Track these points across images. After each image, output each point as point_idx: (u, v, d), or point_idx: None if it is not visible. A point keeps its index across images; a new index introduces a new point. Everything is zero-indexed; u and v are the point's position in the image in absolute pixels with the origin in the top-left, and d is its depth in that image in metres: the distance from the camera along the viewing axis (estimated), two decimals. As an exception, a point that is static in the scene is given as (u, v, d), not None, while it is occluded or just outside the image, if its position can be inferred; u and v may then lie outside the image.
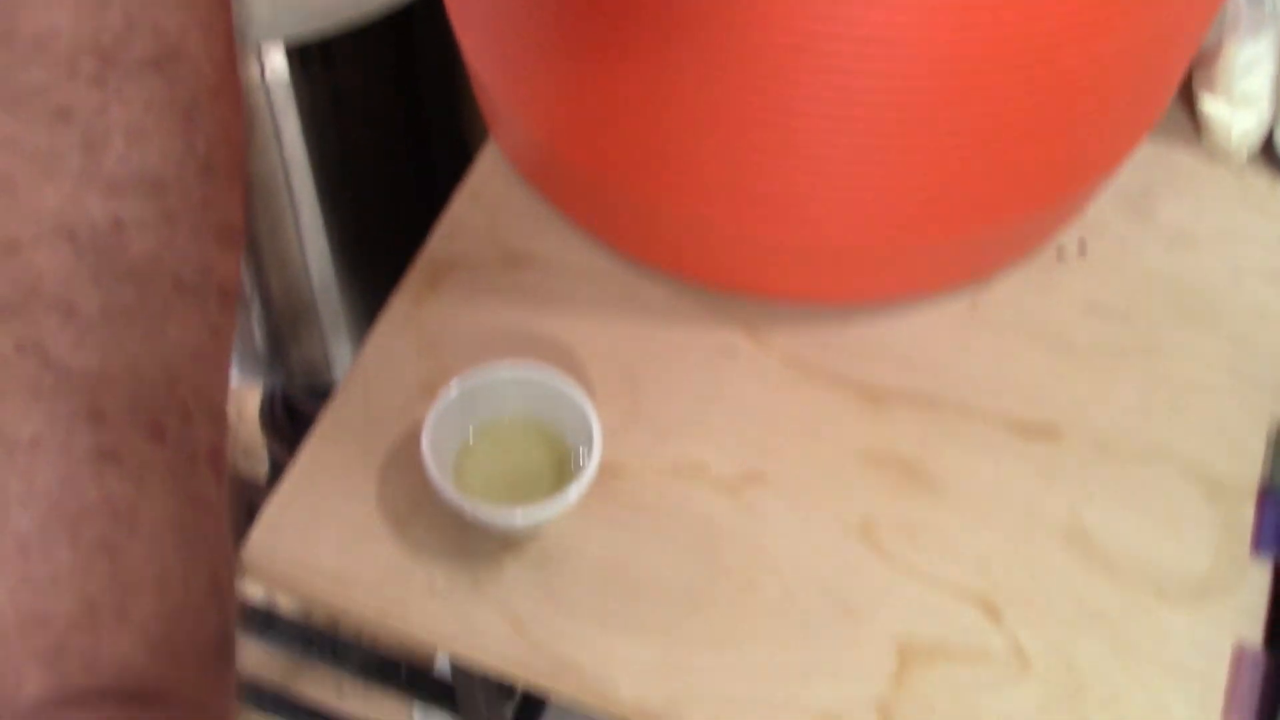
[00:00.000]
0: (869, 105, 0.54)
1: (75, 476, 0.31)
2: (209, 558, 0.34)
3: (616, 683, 0.57)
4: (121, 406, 0.32)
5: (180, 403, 0.34)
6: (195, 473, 0.34)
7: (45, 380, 0.30)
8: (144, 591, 0.32)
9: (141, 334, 0.32)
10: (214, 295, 0.35)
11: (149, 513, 0.32)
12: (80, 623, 0.30)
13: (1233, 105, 0.74)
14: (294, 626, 1.06)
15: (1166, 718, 0.57)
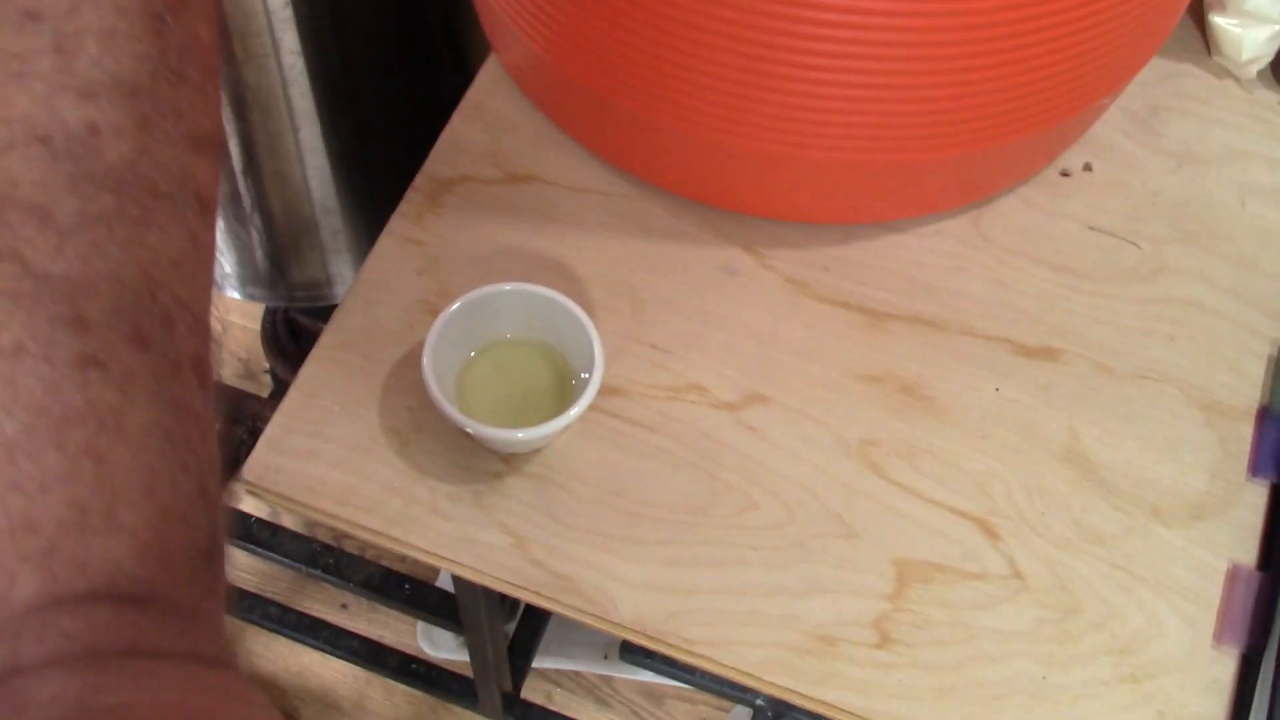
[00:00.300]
0: (870, 24, 0.53)
1: (59, 382, 0.30)
2: (195, 465, 0.34)
3: (616, 599, 0.57)
4: (104, 313, 0.31)
5: (163, 310, 0.34)
6: (179, 380, 0.34)
7: (24, 286, 0.30)
8: (132, 496, 0.32)
9: (121, 241, 0.32)
10: (192, 203, 0.35)
11: (135, 419, 0.32)
12: (69, 527, 0.30)
13: (1243, 21, 0.73)
14: (297, 543, 1.06)
15: (1160, 636, 0.57)
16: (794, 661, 0.56)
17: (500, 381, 0.61)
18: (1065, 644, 0.57)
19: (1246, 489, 0.61)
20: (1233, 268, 0.68)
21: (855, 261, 0.68)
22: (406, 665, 1.20)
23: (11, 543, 0.30)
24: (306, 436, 0.61)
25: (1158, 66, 0.76)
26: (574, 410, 0.57)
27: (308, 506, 0.60)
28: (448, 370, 0.59)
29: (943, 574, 0.59)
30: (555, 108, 0.70)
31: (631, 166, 0.69)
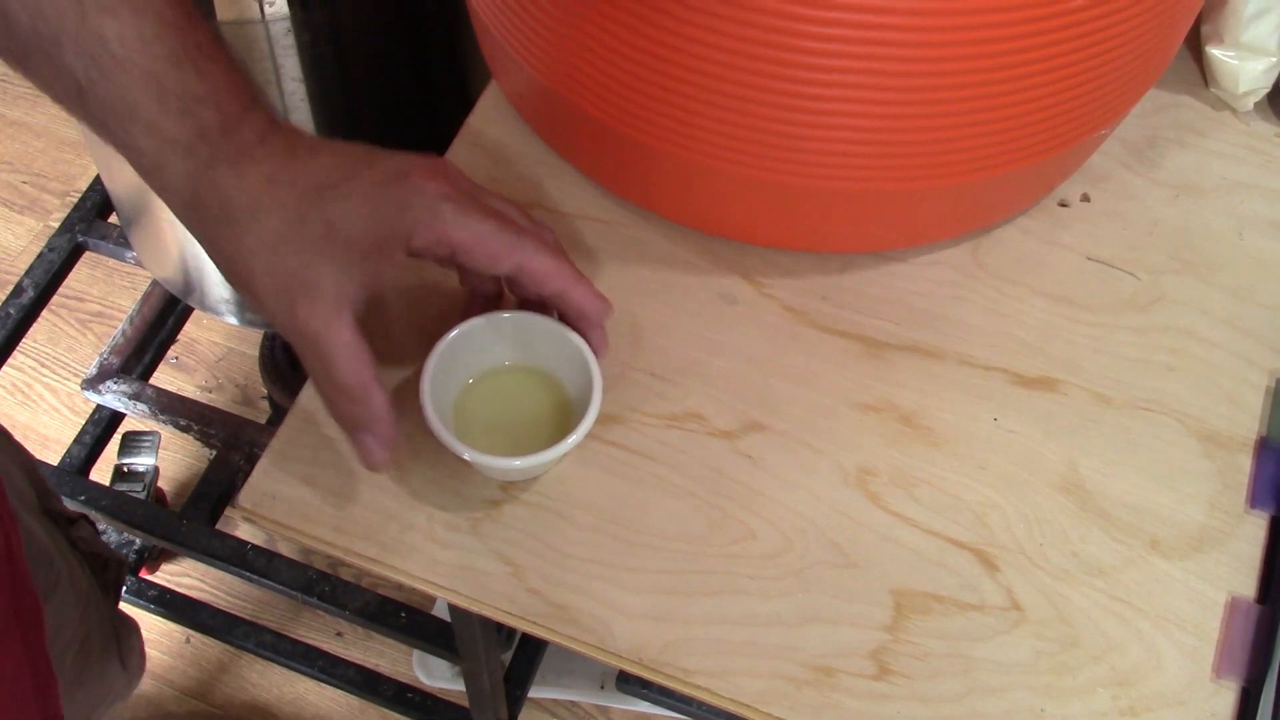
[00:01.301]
0: (871, 54, 0.53)
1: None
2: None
3: (613, 629, 0.57)
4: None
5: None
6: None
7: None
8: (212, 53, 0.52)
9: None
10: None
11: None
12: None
13: (1240, 54, 0.74)
14: (293, 570, 1.06)
15: (1159, 669, 0.57)
16: (791, 692, 0.56)
17: (499, 409, 0.61)
18: (1064, 676, 0.57)
19: (1245, 521, 0.61)
20: (1230, 299, 0.68)
21: (854, 290, 0.68)
22: (402, 694, 1.19)
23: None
24: (303, 463, 0.61)
25: (1155, 98, 0.76)
26: (572, 438, 0.56)
27: (304, 533, 0.59)
28: (446, 397, 0.59)
29: (941, 605, 0.58)
30: (555, 135, 0.70)
31: (631, 195, 0.69)
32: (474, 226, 0.53)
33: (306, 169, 0.52)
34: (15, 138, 1.74)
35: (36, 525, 0.76)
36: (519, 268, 0.54)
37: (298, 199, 0.51)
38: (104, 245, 1.20)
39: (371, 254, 0.52)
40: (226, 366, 1.55)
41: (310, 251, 0.51)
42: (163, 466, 1.41)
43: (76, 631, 0.79)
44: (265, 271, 0.51)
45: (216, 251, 0.53)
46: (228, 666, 1.35)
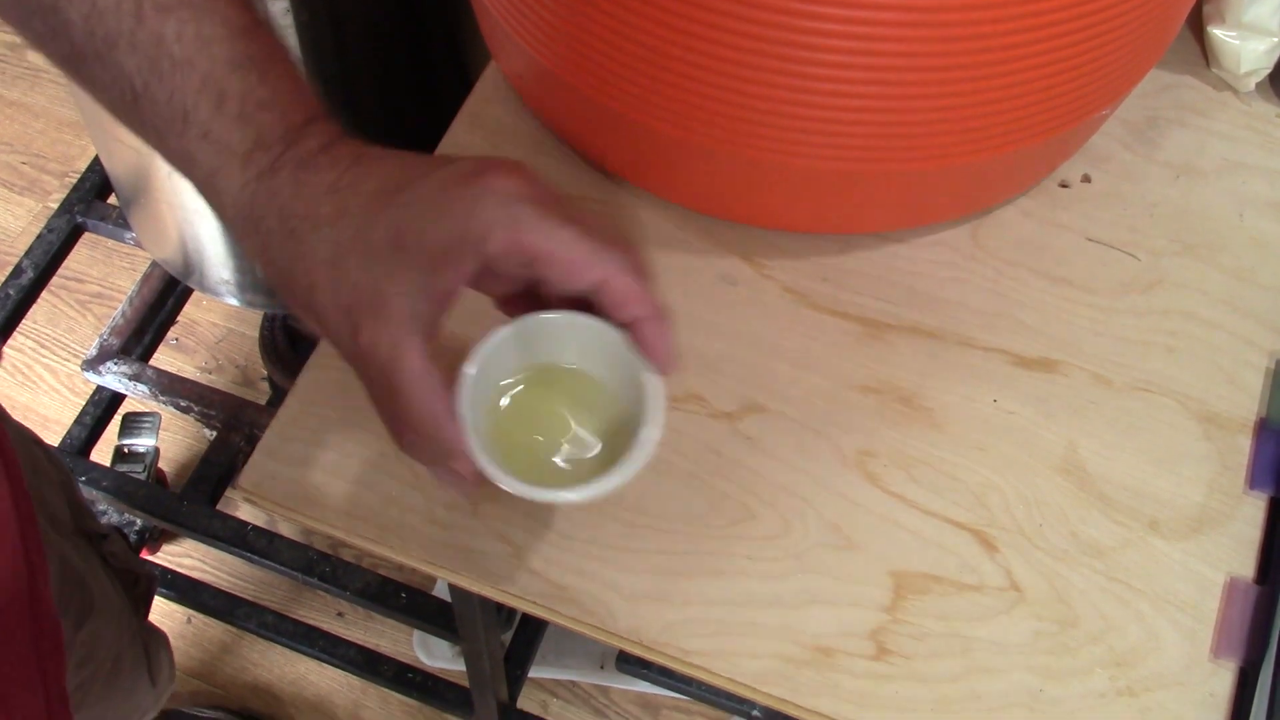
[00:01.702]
0: (870, 34, 0.53)
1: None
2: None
3: (613, 609, 0.57)
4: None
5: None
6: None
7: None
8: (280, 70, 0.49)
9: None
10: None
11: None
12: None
13: (1241, 34, 0.74)
14: (294, 551, 1.06)
15: (1157, 650, 0.57)
16: (790, 672, 0.56)
17: (538, 424, 0.53)
18: (1062, 656, 0.57)
19: (1244, 502, 0.61)
20: (1231, 280, 0.68)
21: (854, 272, 0.68)
22: (403, 674, 1.20)
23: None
24: (304, 444, 0.61)
25: (1156, 78, 0.76)
26: (628, 468, 0.49)
27: (304, 514, 0.59)
28: (479, 418, 0.50)
29: (940, 586, 0.58)
30: (555, 116, 0.70)
31: (631, 176, 0.69)
32: (556, 232, 0.46)
33: (371, 174, 0.47)
34: (14, 118, 1.74)
35: (71, 549, 0.75)
36: (601, 284, 0.47)
37: (362, 206, 0.46)
38: (103, 226, 1.20)
39: (443, 264, 0.46)
40: (226, 348, 1.55)
41: (376, 265, 0.46)
42: (163, 447, 1.41)
43: (110, 651, 0.79)
44: (327, 289, 0.46)
45: (273, 269, 0.48)
46: (229, 647, 1.35)
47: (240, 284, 1.02)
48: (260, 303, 1.04)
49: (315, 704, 1.32)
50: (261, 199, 0.47)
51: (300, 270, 0.47)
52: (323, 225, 0.46)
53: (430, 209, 0.46)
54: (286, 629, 1.21)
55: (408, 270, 0.45)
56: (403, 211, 0.46)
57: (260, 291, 1.02)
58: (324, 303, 0.46)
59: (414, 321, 0.46)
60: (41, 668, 0.60)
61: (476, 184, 0.46)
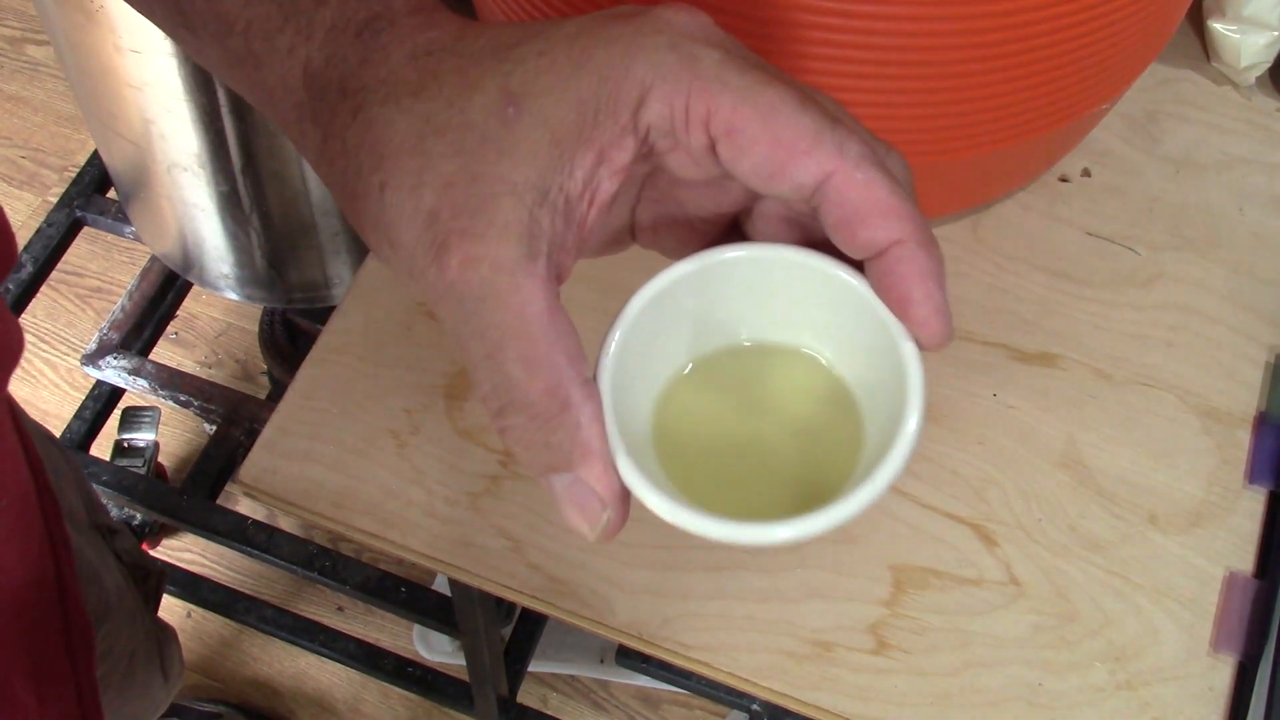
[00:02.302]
0: (869, 29, 0.53)
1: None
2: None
3: (613, 604, 0.57)
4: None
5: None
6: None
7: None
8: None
9: None
10: None
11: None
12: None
13: (1242, 28, 0.73)
14: (294, 545, 1.06)
15: (1157, 643, 0.57)
16: (790, 667, 0.56)
17: (725, 424, 0.36)
18: (1061, 650, 0.57)
19: (1243, 496, 0.61)
20: (1231, 274, 0.68)
21: (853, 266, 0.68)
22: (402, 668, 1.20)
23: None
24: (304, 439, 0.61)
25: (1156, 72, 0.76)
26: (876, 486, 0.31)
27: (304, 509, 0.59)
28: (639, 407, 0.35)
29: (939, 580, 0.58)
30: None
31: (630, 170, 0.69)
32: (761, 92, 0.30)
33: (480, 35, 0.32)
34: (14, 112, 1.74)
35: (86, 544, 0.75)
36: (828, 182, 0.31)
37: (459, 67, 0.31)
38: (103, 220, 1.20)
39: (579, 145, 0.30)
40: (226, 342, 1.55)
41: (476, 147, 0.30)
42: (163, 442, 1.41)
43: (125, 649, 0.79)
44: (403, 187, 0.31)
45: (330, 168, 0.33)
46: (229, 641, 1.35)
47: (240, 278, 1.02)
48: (260, 297, 1.04)
49: (315, 698, 1.32)
50: (318, 68, 0.33)
51: (368, 165, 0.31)
52: (403, 96, 0.32)
53: (562, 62, 0.31)
54: (286, 623, 1.21)
55: (525, 155, 0.30)
56: (520, 68, 0.31)
57: (260, 286, 1.02)
58: (398, 208, 0.31)
59: (533, 237, 0.30)
60: (73, 660, 0.60)
61: (636, 22, 0.31)
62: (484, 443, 0.61)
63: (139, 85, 0.83)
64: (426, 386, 0.62)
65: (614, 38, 0.30)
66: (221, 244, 0.98)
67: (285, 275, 1.00)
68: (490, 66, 0.31)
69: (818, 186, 0.31)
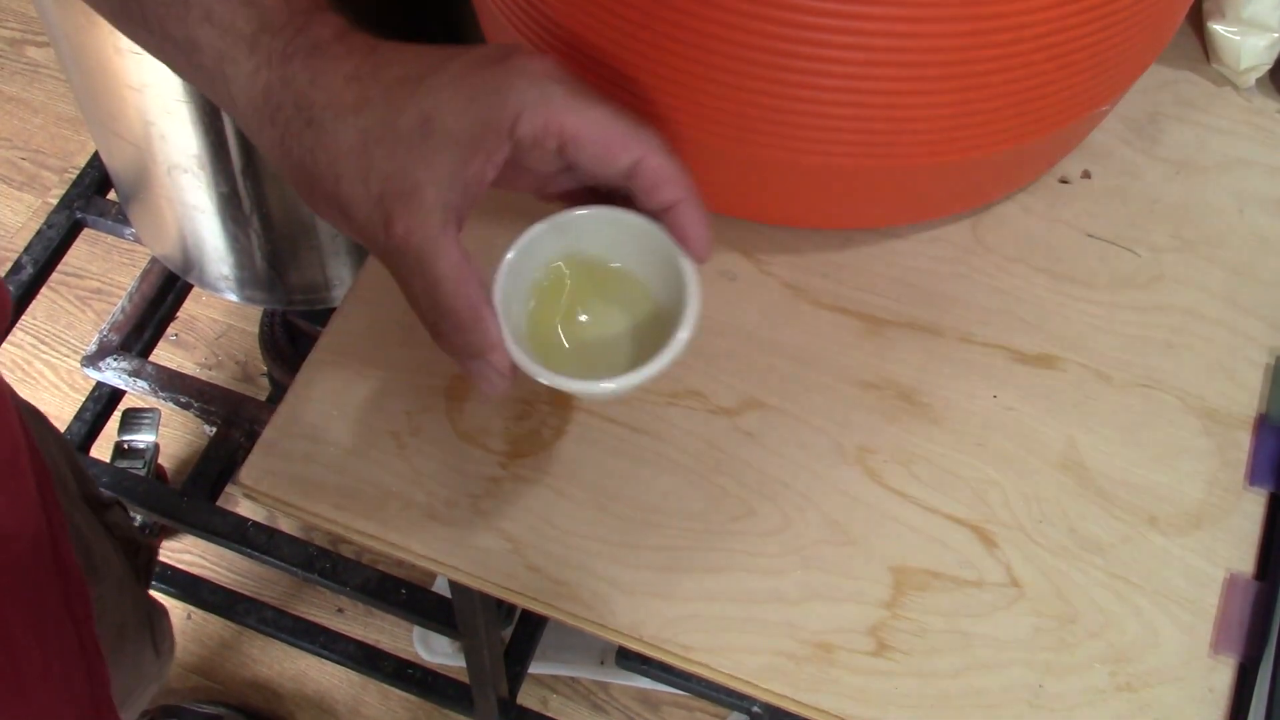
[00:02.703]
0: (870, 29, 0.53)
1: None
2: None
3: (613, 605, 0.57)
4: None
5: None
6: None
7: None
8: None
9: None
10: None
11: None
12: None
13: (1242, 29, 0.73)
14: (294, 547, 1.06)
15: (1157, 645, 0.57)
16: (790, 669, 0.56)
17: (577, 319, 0.54)
18: (1062, 652, 0.57)
19: (1244, 498, 0.61)
20: (1231, 276, 0.68)
21: (853, 267, 0.68)
22: (402, 670, 1.20)
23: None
24: (303, 440, 0.61)
25: (1156, 74, 0.76)
26: (666, 356, 0.50)
27: (304, 510, 0.59)
28: (518, 310, 0.51)
29: (940, 581, 0.58)
30: (554, 112, 0.70)
31: (630, 172, 0.69)
32: (589, 111, 0.46)
33: (392, 63, 0.46)
34: (14, 114, 1.74)
35: (75, 511, 0.76)
36: (637, 165, 0.47)
37: (385, 93, 0.45)
38: (103, 222, 1.20)
39: (475, 150, 0.45)
40: (226, 343, 1.55)
41: (405, 153, 0.45)
42: (163, 443, 1.41)
43: (114, 617, 0.80)
44: (355, 180, 0.45)
45: (292, 162, 0.47)
46: (229, 643, 1.35)
47: (240, 280, 1.02)
48: (260, 298, 1.04)
49: (315, 700, 1.32)
50: (275, 87, 0.46)
51: (324, 162, 0.45)
52: (346, 114, 0.45)
53: (459, 94, 0.45)
54: (286, 625, 1.21)
55: (439, 157, 0.45)
56: (430, 98, 0.45)
57: (260, 287, 1.02)
58: (351, 194, 0.45)
59: (447, 210, 0.45)
60: (73, 616, 0.60)
61: (505, 66, 0.46)
62: (484, 444, 0.61)
63: (139, 87, 0.82)
64: (427, 388, 0.62)
65: (493, 77, 0.45)
66: (221, 245, 0.98)
67: (285, 277, 1.00)
68: (409, 94, 0.45)
69: (631, 168, 0.47)
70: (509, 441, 0.61)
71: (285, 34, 0.46)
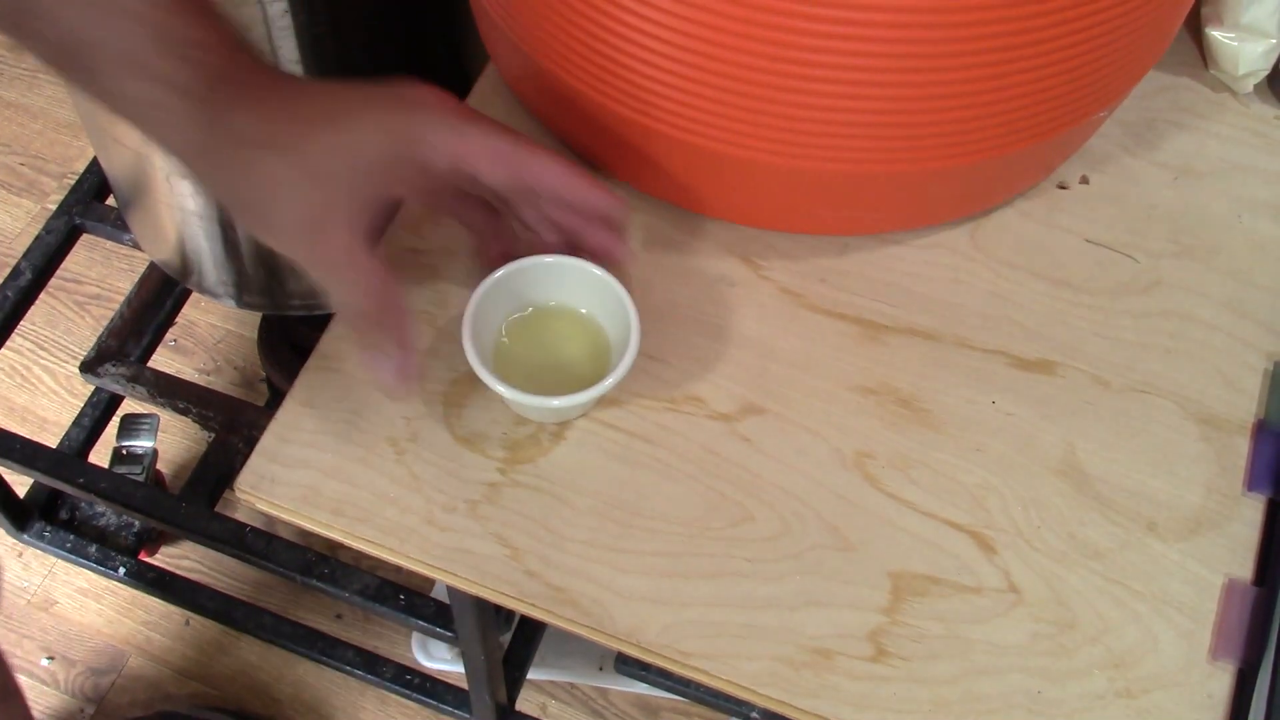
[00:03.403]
0: (868, 36, 0.53)
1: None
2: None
3: (611, 611, 0.57)
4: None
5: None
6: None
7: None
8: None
9: None
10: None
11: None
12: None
13: (1240, 36, 0.74)
14: (292, 553, 1.06)
15: (1156, 651, 0.57)
16: (789, 674, 0.56)
17: (539, 350, 0.62)
18: (1061, 658, 0.57)
19: (1242, 503, 0.61)
20: (1229, 281, 0.68)
21: (852, 273, 0.68)
22: (401, 676, 1.20)
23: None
24: (302, 446, 0.61)
25: (1154, 79, 0.76)
26: (610, 380, 0.58)
27: (302, 516, 0.59)
28: (487, 340, 0.61)
29: (938, 587, 0.58)
30: (553, 117, 0.70)
31: (629, 177, 0.69)
32: (485, 138, 0.54)
33: (313, 103, 0.53)
34: (12, 119, 1.74)
35: None
36: (533, 179, 0.56)
37: (306, 130, 0.52)
38: (101, 227, 1.20)
39: (387, 178, 0.53)
40: (225, 349, 1.55)
41: (328, 182, 0.52)
42: (161, 449, 1.41)
43: None
44: (286, 207, 0.52)
45: (229, 192, 0.54)
46: (227, 649, 1.35)
47: (238, 285, 1.01)
48: (258, 304, 1.04)
49: (313, 705, 1.32)
50: (213, 127, 0.51)
51: (257, 194, 0.52)
52: (275, 149, 0.51)
53: (374, 129, 0.52)
54: (285, 631, 1.21)
55: (356, 185, 0.52)
56: (348, 134, 0.52)
57: (258, 293, 1.02)
58: (283, 220, 0.52)
59: (363, 230, 0.53)
60: None
61: (414, 104, 0.54)
62: (483, 450, 0.61)
63: (138, 92, 0.83)
64: (425, 394, 0.62)
65: (402, 116, 0.53)
66: (220, 251, 0.97)
67: (284, 282, 1.00)
68: (324, 130, 0.52)
69: (529, 181, 0.56)
70: (507, 447, 0.61)
71: (215, 82, 0.51)
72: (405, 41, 0.88)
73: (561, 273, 0.62)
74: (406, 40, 0.88)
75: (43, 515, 1.24)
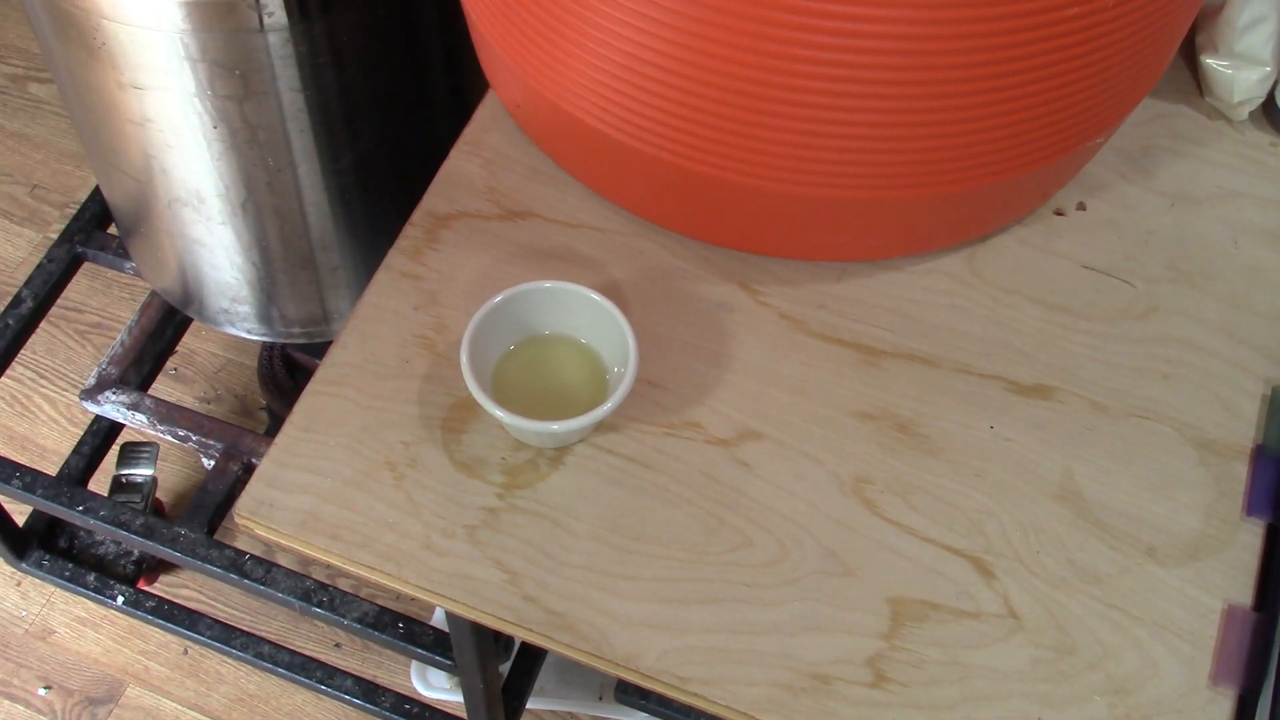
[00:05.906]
0: (866, 64, 0.54)
1: None
2: None
3: (610, 636, 0.57)
4: None
5: None
6: None
7: None
8: None
9: None
10: None
11: None
12: None
13: (1234, 63, 0.74)
14: (291, 580, 1.06)
15: (1156, 677, 0.57)
16: (788, 700, 0.56)
17: (536, 376, 0.63)
18: (1060, 684, 0.57)
19: (1241, 528, 0.61)
20: (1226, 307, 0.69)
21: (851, 299, 0.68)
22: (400, 705, 1.19)
23: None
24: (301, 472, 0.61)
25: (1150, 107, 0.76)
26: (608, 405, 0.58)
27: (301, 542, 0.59)
28: (485, 364, 0.61)
29: (937, 612, 0.58)
30: (552, 144, 0.70)
31: (628, 203, 0.69)
32: None
33: None
34: (15, 149, 1.75)
35: None
36: None
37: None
38: (103, 256, 1.20)
39: None
40: (225, 377, 1.55)
41: None
42: (161, 477, 1.41)
43: None
44: None
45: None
46: (225, 677, 1.34)
47: (239, 313, 1.02)
48: (259, 332, 1.04)
49: (312, 735, 1.31)
50: None
51: None
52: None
53: None
54: (284, 659, 1.21)
55: None
56: None
57: (258, 320, 1.02)
58: None
59: None
60: None
61: None
62: (482, 475, 0.61)
63: (140, 121, 0.83)
64: (424, 419, 0.62)
65: None
66: (221, 279, 0.98)
67: (284, 310, 1.00)
68: None
69: None
70: (506, 472, 0.61)
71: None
72: (406, 69, 0.88)
73: (560, 299, 0.62)
74: (407, 68, 0.88)
75: (41, 544, 1.24)
